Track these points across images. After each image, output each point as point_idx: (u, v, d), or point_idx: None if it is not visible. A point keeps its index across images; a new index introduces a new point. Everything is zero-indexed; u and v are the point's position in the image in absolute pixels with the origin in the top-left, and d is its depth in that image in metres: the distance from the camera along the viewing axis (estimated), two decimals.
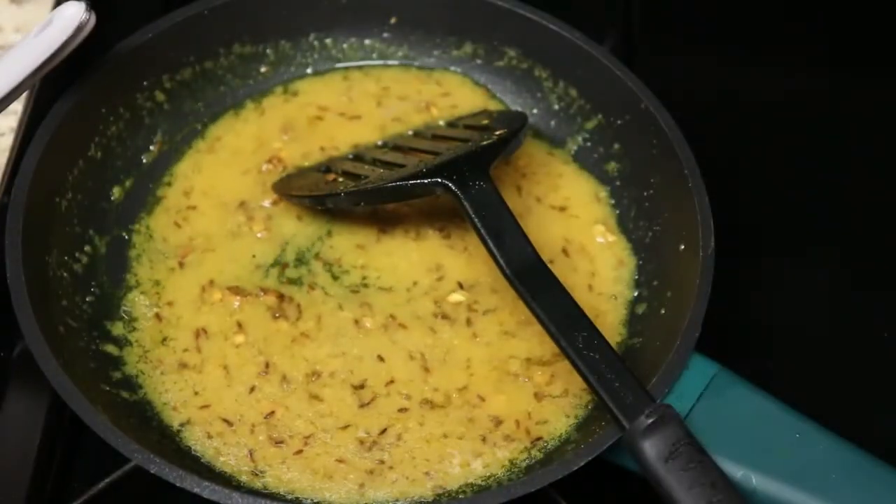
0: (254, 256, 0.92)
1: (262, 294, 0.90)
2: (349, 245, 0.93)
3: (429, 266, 0.92)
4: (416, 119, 1.00)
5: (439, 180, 0.86)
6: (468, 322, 0.89)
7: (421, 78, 1.02)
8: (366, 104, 1.01)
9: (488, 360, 0.88)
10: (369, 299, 0.90)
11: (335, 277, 0.91)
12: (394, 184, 0.87)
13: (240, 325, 0.89)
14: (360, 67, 1.02)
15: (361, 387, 0.86)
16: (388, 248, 0.93)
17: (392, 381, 0.87)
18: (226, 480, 0.82)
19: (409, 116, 1.00)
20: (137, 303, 0.89)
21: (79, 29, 0.81)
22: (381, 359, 0.88)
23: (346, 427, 0.85)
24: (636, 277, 0.92)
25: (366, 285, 0.91)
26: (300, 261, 0.92)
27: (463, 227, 0.93)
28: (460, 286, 0.91)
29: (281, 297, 0.90)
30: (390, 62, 1.03)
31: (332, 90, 1.01)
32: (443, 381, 0.87)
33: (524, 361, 0.88)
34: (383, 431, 0.85)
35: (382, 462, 0.83)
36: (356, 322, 0.89)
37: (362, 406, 0.86)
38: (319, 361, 0.87)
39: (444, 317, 0.89)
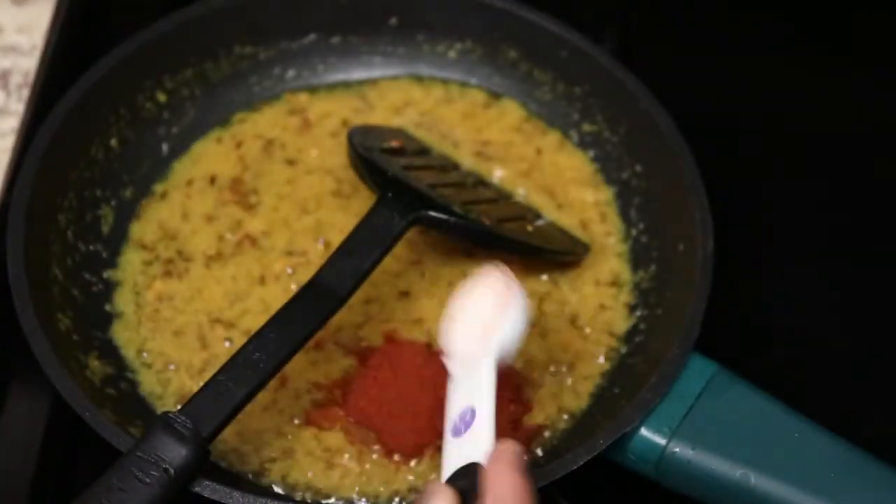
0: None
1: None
2: None
3: None
4: (417, 121, 0.99)
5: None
6: None
7: (421, 80, 1.02)
8: (365, 110, 1.00)
9: None
10: None
11: None
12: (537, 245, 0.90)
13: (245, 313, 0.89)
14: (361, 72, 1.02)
15: None
16: None
17: None
18: (228, 479, 0.81)
19: (411, 120, 0.99)
20: (137, 301, 0.89)
21: None
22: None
23: None
24: (634, 278, 0.92)
25: None
26: None
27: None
28: None
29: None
30: (390, 64, 1.02)
31: (333, 95, 1.01)
32: None
33: None
34: None
35: None
36: None
37: None
38: None
39: None
